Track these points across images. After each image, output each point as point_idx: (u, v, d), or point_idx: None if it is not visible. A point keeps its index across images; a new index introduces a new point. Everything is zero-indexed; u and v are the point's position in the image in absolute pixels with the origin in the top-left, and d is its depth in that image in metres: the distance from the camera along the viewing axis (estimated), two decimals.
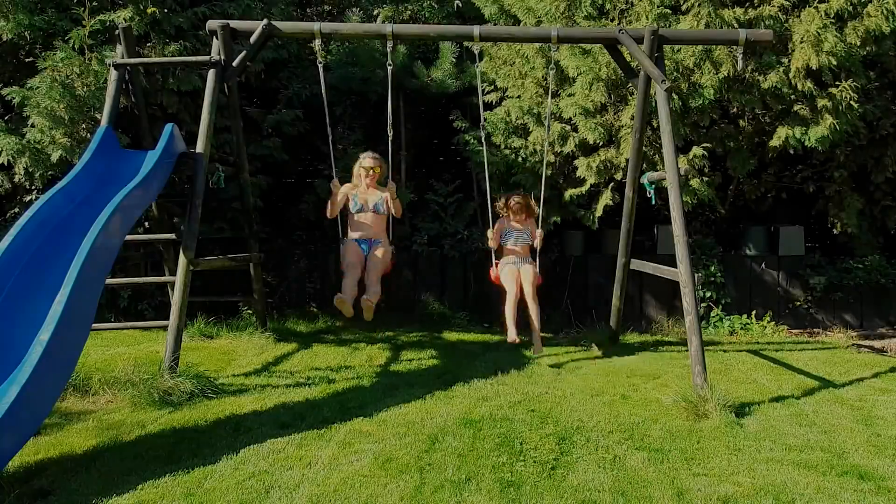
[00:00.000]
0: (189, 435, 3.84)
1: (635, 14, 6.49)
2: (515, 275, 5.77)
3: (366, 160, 5.82)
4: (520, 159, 7.41)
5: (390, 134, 5.46)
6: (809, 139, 6.39)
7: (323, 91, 5.52)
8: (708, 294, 7.55)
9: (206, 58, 5.40)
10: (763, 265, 7.81)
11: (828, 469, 3.43)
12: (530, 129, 7.30)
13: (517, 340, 5.57)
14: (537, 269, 5.83)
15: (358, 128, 8.20)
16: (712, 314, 7.52)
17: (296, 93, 7.73)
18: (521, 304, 5.79)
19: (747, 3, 6.42)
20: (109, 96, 5.36)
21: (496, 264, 5.89)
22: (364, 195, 5.78)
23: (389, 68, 5.28)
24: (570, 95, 6.98)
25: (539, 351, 5.70)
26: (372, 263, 5.64)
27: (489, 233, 5.87)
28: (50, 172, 6.45)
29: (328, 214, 5.75)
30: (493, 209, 5.88)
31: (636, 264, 6.15)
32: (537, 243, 5.84)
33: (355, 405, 4.40)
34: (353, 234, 5.78)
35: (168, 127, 5.22)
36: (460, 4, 8.46)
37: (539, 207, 5.95)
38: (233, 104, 5.87)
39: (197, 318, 6.66)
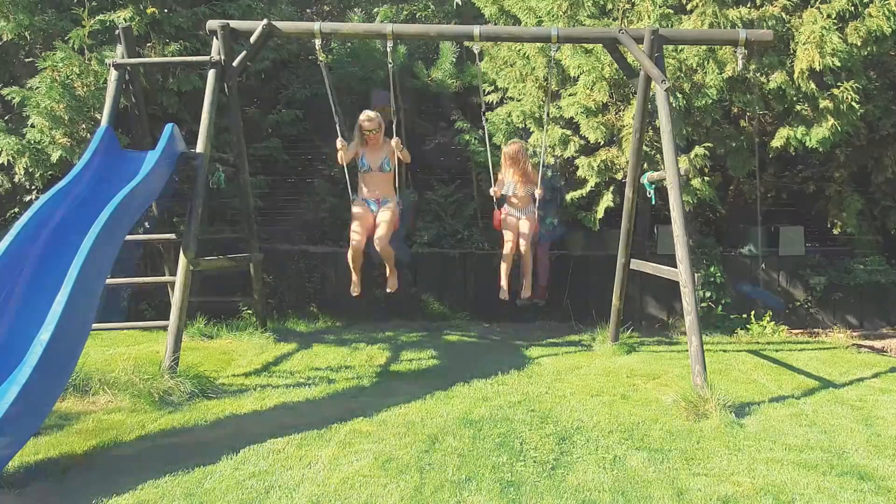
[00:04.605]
0: (189, 435, 3.84)
1: (638, 14, 6.48)
2: (515, 227, 6.09)
3: (364, 122, 5.81)
4: None
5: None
6: (811, 140, 6.39)
7: (326, 82, 5.60)
8: (708, 294, 7.54)
9: (206, 58, 5.41)
10: (763, 265, 7.80)
11: (828, 469, 3.43)
12: (531, 131, 7.30)
13: (507, 296, 6.05)
14: (536, 218, 6.14)
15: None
16: (712, 314, 7.51)
17: (295, 93, 7.72)
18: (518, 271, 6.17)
19: (750, 3, 6.41)
20: (109, 96, 5.37)
21: (501, 210, 6.21)
22: (370, 155, 5.87)
23: (390, 66, 5.23)
24: (571, 95, 6.97)
25: (526, 295, 6.20)
26: (380, 223, 5.85)
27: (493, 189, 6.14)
28: (50, 172, 6.46)
29: (339, 161, 5.85)
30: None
31: (636, 264, 6.15)
32: (538, 193, 5.98)
33: (355, 405, 4.40)
34: (362, 194, 5.96)
35: (168, 127, 5.22)
36: (460, 3, 8.46)
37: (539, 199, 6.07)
38: (233, 104, 5.87)
39: (197, 318, 6.66)
